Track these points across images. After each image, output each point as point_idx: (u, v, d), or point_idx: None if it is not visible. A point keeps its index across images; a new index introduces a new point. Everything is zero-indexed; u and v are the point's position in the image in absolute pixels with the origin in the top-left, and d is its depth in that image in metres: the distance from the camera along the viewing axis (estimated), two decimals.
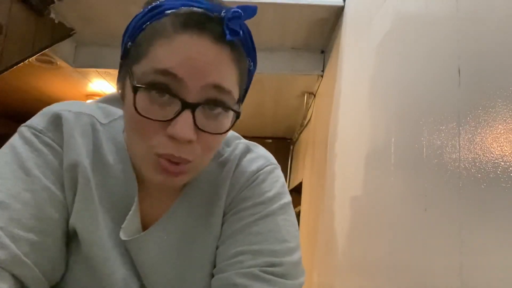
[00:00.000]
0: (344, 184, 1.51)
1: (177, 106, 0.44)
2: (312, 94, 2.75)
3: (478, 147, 0.61)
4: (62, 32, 2.08)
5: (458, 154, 0.66)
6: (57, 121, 0.52)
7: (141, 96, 0.44)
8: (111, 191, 0.53)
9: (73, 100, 0.58)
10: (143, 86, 0.44)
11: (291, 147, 4.25)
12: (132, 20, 0.50)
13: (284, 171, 4.84)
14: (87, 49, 2.38)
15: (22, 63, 1.84)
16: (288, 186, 4.21)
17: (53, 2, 1.88)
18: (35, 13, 1.85)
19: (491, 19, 0.60)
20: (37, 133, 0.51)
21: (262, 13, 1.93)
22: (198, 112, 0.45)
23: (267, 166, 0.59)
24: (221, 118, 0.48)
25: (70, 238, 0.52)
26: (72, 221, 0.50)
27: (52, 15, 1.97)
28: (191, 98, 0.44)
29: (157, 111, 0.45)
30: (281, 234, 0.53)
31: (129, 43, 0.49)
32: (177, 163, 0.47)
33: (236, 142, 0.61)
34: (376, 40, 1.22)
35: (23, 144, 0.50)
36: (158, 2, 0.48)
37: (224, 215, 0.57)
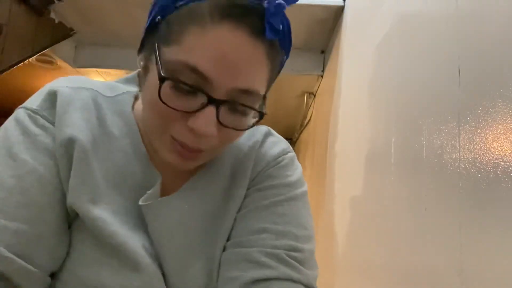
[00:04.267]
0: (344, 184, 1.51)
1: (202, 99, 0.43)
2: (312, 94, 2.75)
3: (478, 147, 0.61)
4: (62, 32, 2.08)
5: (458, 154, 0.66)
6: (52, 98, 0.49)
7: (166, 84, 0.43)
8: (117, 165, 0.50)
9: (76, 76, 0.56)
10: (170, 78, 0.42)
11: (291, 147, 4.24)
12: None
13: None
14: (87, 49, 2.38)
15: (22, 63, 1.84)
16: None
17: (53, 2, 1.88)
18: (35, 13, 1.85)
19: (491, 19, 0.60)
20: (31, 113, 0.48)
21: None
22: (222, 108, 0.44)
23: (289, 152, 0.60)
24: (245, 115, 0.47)
25: (72, 219, 0.48)
26: (69, 200, 0.47)
27: (52, 15, 1.97)
28: (217, 95, 0.43)
29: (181, 101, 0.43)
30: (303, 221, 0.53)
31: (159, 17, 0.46)
32: (190, 150, 0.46)
33: None
34: (376, 40, 1.22)
35: (14, 127, 0.47)
36: None
37: (247, 189, 0.56)
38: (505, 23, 0.57)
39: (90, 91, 0.52)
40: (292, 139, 4.23)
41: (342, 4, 1.85)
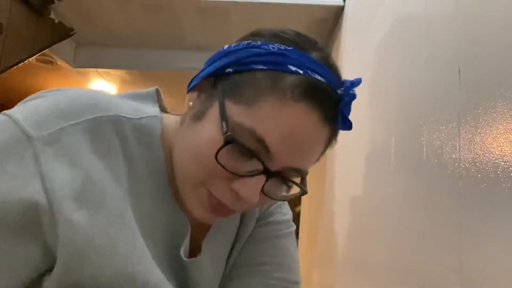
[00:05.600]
0: (344, 184, 1.51)
1: (256, 167, 0.41)
2: None
3: (478, 147, 0.61)
4: (62, 32, 2.08)
5: (458, 154, 0.66)
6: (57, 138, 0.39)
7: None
8: (147, 211, 0.45)
9: (76, 92, 0.44)
10: (236, 141, 0.40)
11: None
12: (245, 43, 0.44)
13: None
14: (87, 49, 2.37)
15: (22, 63, 1.84)
16: None
17: (53, 2, 1.87)
18: (35, 13, 1.85)
19: (491, 20, 0.60)
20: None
21: (262, 13, 1.93)
22: (270, 180, 0.43)
23: None
24: (289, 190, 0.47)
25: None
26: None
27: (52, 15, 1.96)
28: (272, 167, 0.42)
29: (234, 161, 0.41)
30: (295, 254, 0.59)
31: (230, 69, 0.43)
32: (226, 210, 0.45)
33: None
34: (376, 40, 1.22)
35: None
36: (282, 48, 0.42)
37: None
38: (505, 23, 0.57)
39: (112, 121, 0.43)
40: None
41: (342, 4, 1.85)
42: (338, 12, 1.90)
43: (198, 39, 2.18)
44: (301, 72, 0.41)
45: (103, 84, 2.83)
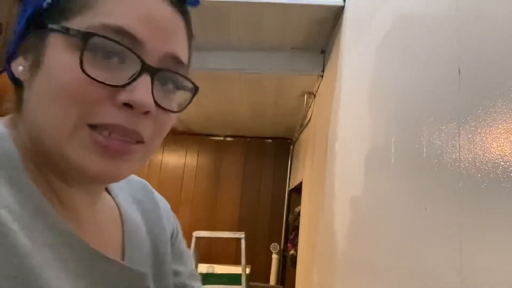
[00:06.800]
0: (344, 184, 1.51)
1: (133, 68, 0.36)
2: (312, 94, 2.75)
3: (478, 147, 0.61)
4: None
5: (458, 154, 0.66)
6: None
7: (86, 54, 0.34)
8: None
9: None
10: (96, 34, 0.34)
11: (291, 147, 4.25)
12: None
13: (284, 171, 4.83)
14: None
15: None
16: (288, 186, 4.22)
17: None
18: None
19: (491, 19, 0.60)
20: None
21: (262, 13, 1.93)
22: (155, 80, 0.37)
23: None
24: (174, 96, 0.41)
25: None
26: None
27: None
28: (150, 61, 0.37)
29: (106, 73, 0.35)
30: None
31: (46, 2, 0.37)
32: (125, 141, 0.37)
33: None
34: (376, 40, 1.22)
35: None
36: None
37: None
38: (505, 23, 0.57)
39: None
40: (292, 139, 4.23)
41: (342, 4, 1.85)
42: (338, 12, 1.90)
43: (198, 39, 2.18)
44: None
45: None
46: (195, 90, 0.42)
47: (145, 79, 0.36)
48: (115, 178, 0.39)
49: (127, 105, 0.36)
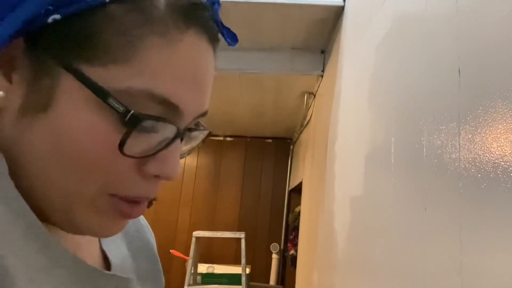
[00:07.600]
0: (344, 184, 1.51)
1: (165, 134, 0.31)
2: (312, 94, 2.76)
3: (478, 147, 0.61)
4: None
5: (458, 154, 0.66)
6: None
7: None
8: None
9: None
10: (141, 119, 0.29)
11: (291, 147, 4.25)
12: None
13: (284, 171, 4.82)
14: None
15: None
16: (288, 186, 4.22)
17: None
18: None
19: (491, 19, 0.60)
20: None
21: (262, 13, 1.93)
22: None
23: None
24: (194, 140, 0.38)
25: None
26: None
27: None
28: (183, 124, 0.33)
29: (138, 143, 0.30)
30: None
31: (56, 16, 0.28)
32: (137, 202, 0.33)
33: None
34: (376, 40, 1.22)
35: None
36: None
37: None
38: (505, 23, 0.57)
39: None
40: (292, 139, 4.23)
41: (342, 4, 1.85)
42: (338, 12, 1.91)
43: None
44: None
45: None
46: (208, 134, 0.39)
47: (177, 144, 0.33)
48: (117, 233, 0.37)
49: (155, 176, 0.33)
